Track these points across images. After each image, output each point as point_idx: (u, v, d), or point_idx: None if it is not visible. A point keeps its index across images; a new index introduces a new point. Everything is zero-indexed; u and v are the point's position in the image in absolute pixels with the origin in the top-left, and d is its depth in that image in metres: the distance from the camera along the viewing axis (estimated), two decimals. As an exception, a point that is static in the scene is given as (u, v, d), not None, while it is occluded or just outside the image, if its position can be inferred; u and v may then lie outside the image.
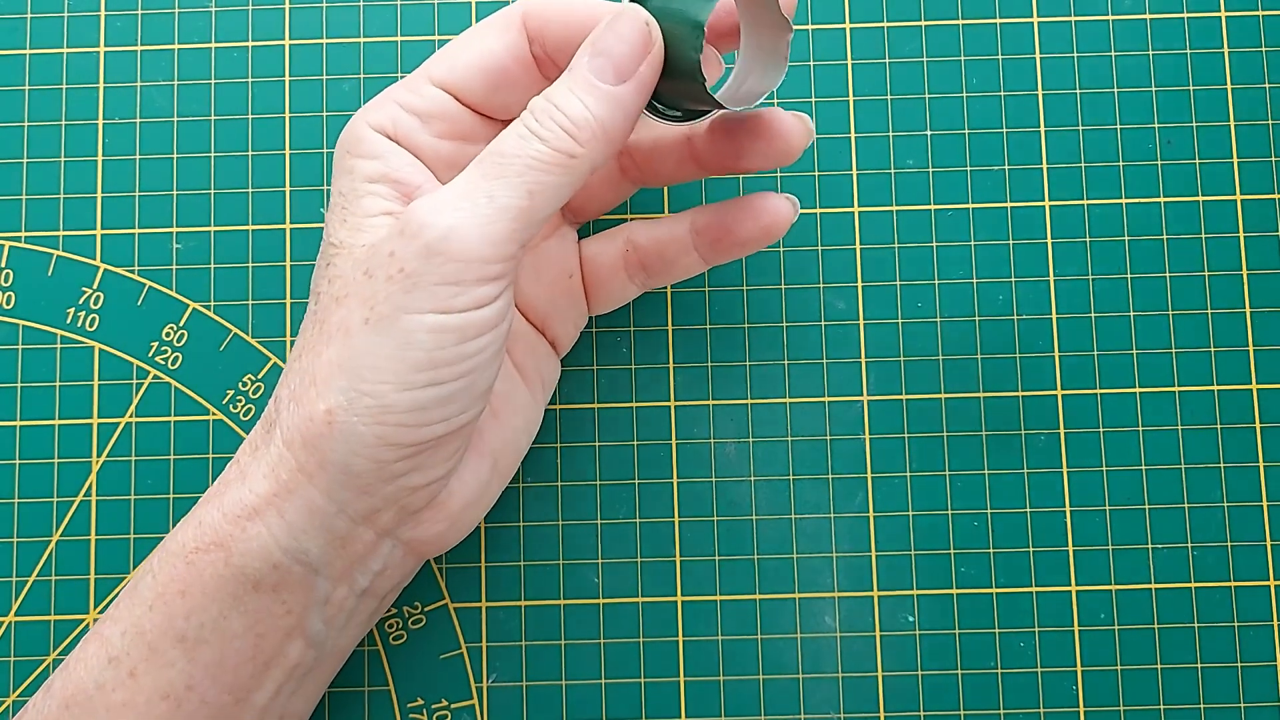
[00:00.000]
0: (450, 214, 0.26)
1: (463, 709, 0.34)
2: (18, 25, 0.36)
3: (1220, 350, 0.35)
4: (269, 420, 0.28)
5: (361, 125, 0.29)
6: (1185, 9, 0.36)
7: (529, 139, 0.26)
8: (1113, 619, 0.34)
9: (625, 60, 0.27)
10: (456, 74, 0.29)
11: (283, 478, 0.27)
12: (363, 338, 0.26)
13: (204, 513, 0.27)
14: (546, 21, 0.29)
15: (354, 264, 0.27)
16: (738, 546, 0.34)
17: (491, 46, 0.29)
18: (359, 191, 0.28)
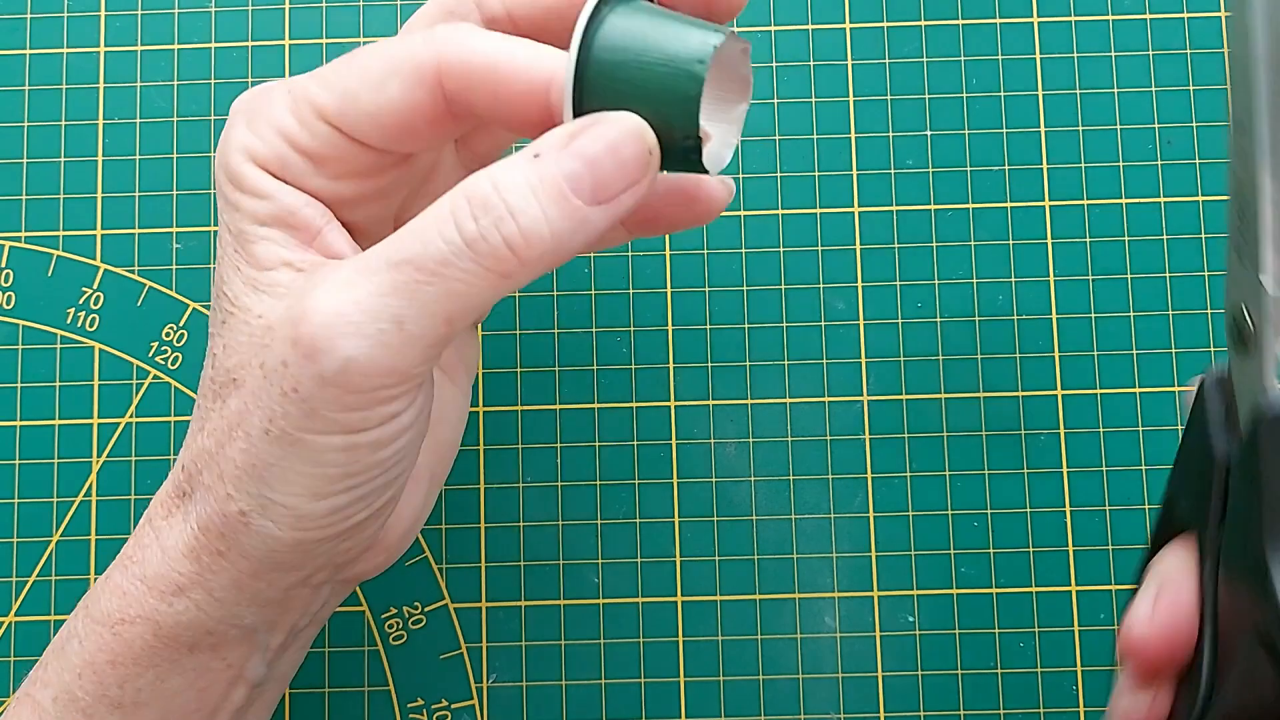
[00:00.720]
0: (350, 342, 0.22)
1: (463, 709, 0.34)
2: (18, 25, 0.36)
3: (1220, 350, 0.35)
4: (180, 488, 0.25)
5: (241, 160, 0.25)
6: (1185, 9, 0.36)
7: (459, 252, 0.22)
8: (1113, 619, 0.34)
9: (612, 183, 0.22)
10: (350, 120, 0.24)
11: (204, 560, 0.24)
12: (266, 448, 0.23)
13: (125, 582, 0.25)
14: (471, 86, 0.23)
15: (251, 342, 0.24)
16: (738, 547, 0.34)
17: (394, 102, 0.24)
18: (249, 235, 0.24)
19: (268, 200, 0.24)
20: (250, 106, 0.25)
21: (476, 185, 0.22)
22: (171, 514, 0.25)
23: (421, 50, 0.24)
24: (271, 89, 0.25)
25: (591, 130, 0.22)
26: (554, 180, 0.22)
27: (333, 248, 0.25)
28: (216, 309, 0.25)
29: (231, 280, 0.24)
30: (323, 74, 0.25)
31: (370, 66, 0.24)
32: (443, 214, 0.22)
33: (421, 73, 0.23)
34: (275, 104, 0.25)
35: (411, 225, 0.23)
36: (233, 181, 0.25)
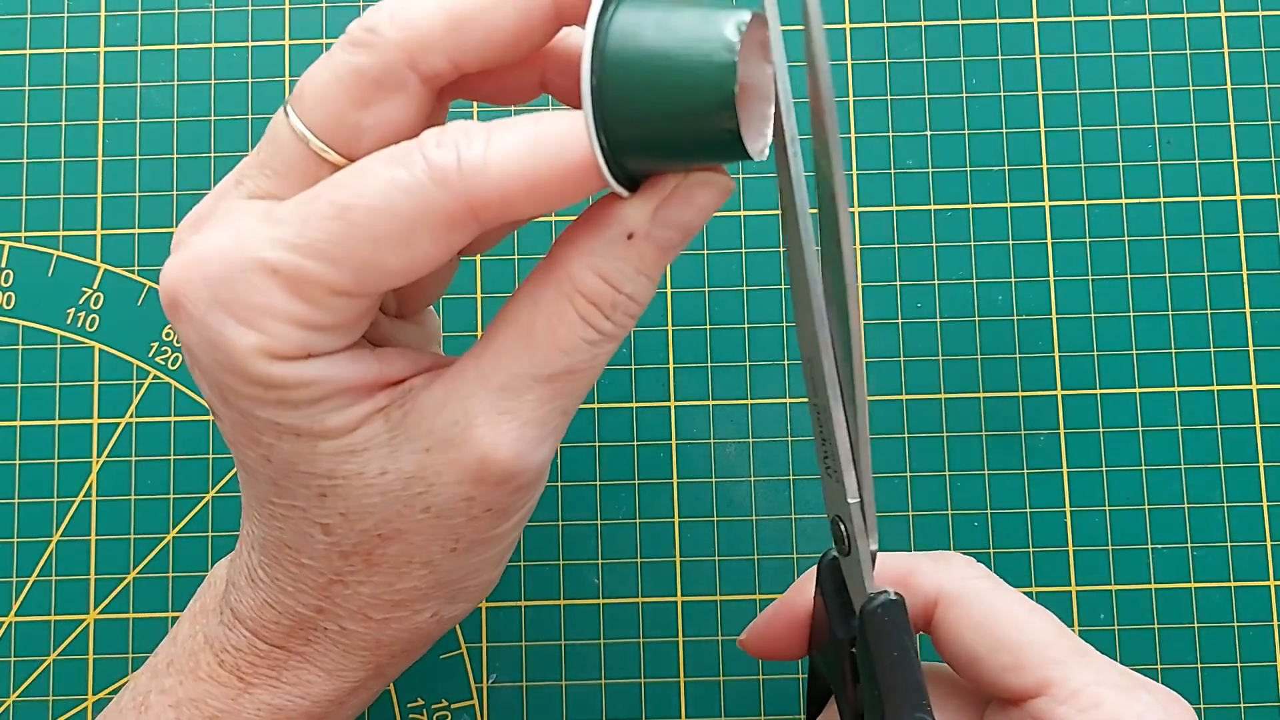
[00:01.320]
0: (537, 454, 0.23)
1: (463, 709, 0.34)
2: (18, 25, 0.36)
3: (1220, 350, 0.35)
4: (308, 623, 0.25)
5: (266, 364, 0.22)
6: (1185, 9, 0.36)
7: (601, 345, 0.23)
8: (1113, 619, 0.34)
9: (698, 225, 0.23)
10: (372, 286, 0.22)
11: (383, 662, 0.26)
12: (453, 561, 0.25)
13: (280, 699, 0.26)
14: (511, 210, 0.22)
15: (391, 499, 0.23)
16: (738, 546, 0.34)
17: (426, 257, 0.22)
18: (313, 416, 0.23)
19: (315, 385, 0.22)
20: (225, 298, 0.22)
21: (594, 287, 0.22)
22: (313, 642, 0.26)
23: (445, 197, 0.21)
24: (237, 267, 0.22)
25: (679, 197, 0.22)
26: (654, 256, 0.23)
27: (397, 373, 0.24)
28: (291, 485, 0.24)
29: (312, 460, 0.23)
30: (312, 245, 0.21)
31: (381, 230, 0.21)
32: (575, 321, 0.23)
33: (453, 220, 0.21)
34: (264, 291, 0.22)
35: (536, 334, 0.23)
36: (264, 385, 0.22)
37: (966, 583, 0.26)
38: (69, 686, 0.34)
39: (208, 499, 0.34)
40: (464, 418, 0.23)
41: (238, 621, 0.26)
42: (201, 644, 0.26)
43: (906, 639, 0.25)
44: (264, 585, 0.26)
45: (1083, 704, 0.25)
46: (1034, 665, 0.25)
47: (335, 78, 0.22)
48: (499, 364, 0.23)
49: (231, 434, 0.24)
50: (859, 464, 0.24)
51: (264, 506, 0.25)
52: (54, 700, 0.34)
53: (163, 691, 0.26)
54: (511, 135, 0.21)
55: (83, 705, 0.34)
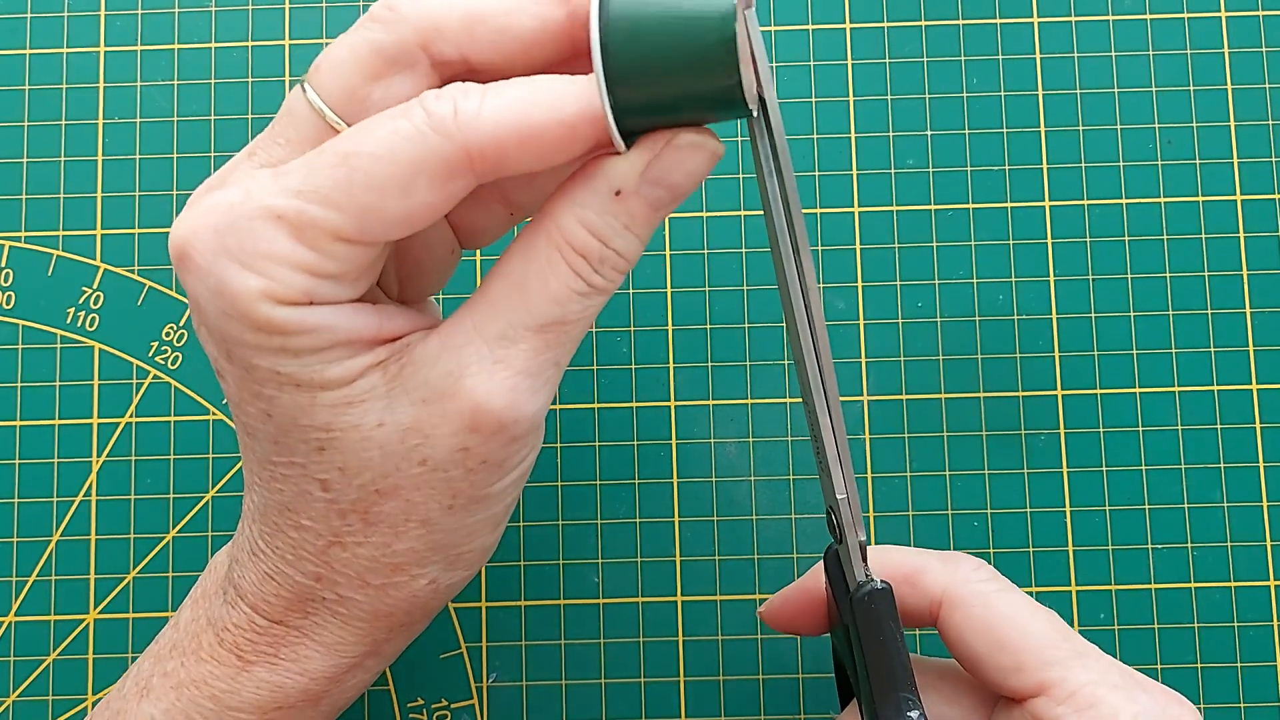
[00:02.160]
0: (531, 402, 0.24)
1: (463, 709, 0.34)
2: (18, 25, 0.36)
3: (1220, 350, 0.35)
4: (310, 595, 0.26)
5: (270, 308, 0.23)
6: (1185, 9, 0.36)
7: (592, 296, 0.24)
8: (1113, 619, 0.34)
9: (687, 187, 0.24)
10: (375, 233, 0.23)
11: (380, 637, 0.26)
12: (450, 519, 0.25)
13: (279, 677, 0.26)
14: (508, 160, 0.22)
15: (388, 451, 0.24)
16: (738, 546, 0.34)
17: (426, 203, 0.23)
18: (313, 368, 0.23)
19: (317, 333, 0.23)
20: (232, 246, 0.23)
21: (583, 240, 0.23)
22: (311, 614, 0.26)
23: (442, 143, 0.22)
24: (244, 215, 0.23)
25: (666, 157, 0.23)
26: (643, 213, 0.23)
27: (396, 329, 0.25)
28: (290, 441, 0.24)
29: (311, 411, 0.24)
30: (316, 190, 0.22)
31: (382, 174, 0.22)
32: (565, 273, 0.23)
33: (451, 167, 0.22)
34: (270, 238, 0.22)
35: (529, 286, 0.23)
36: (267, 330, 0.23)
37: (971, 585, 0.27)
38: (69, 686, 0.34)
39: (208, 499, 0.34)
40: (458, 368, 0.23)
41: (240, 598, 0.26)
42: (204, 625, 0.27)
43: (892, 624, 0.26)
44: (265, 556, 0.26)
45: (1080, 704, 0.25)
46: (1033, 667, 0.25)
47: (352, 52, 0.24)
48: (493, 314, 0.24)
49: (235, 391, 0.24)
50: (841, 462, 0.26)
51: (265, 468, 0.25)
52: (54, 700, 0.34)
53: (165, 674, 0.26)
54: (508, 89, 0.23)
55: (82, 705, 0.34)
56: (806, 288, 0.25)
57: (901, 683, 0.26)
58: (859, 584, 0.26)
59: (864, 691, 0.26)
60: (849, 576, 0.27)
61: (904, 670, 0.26)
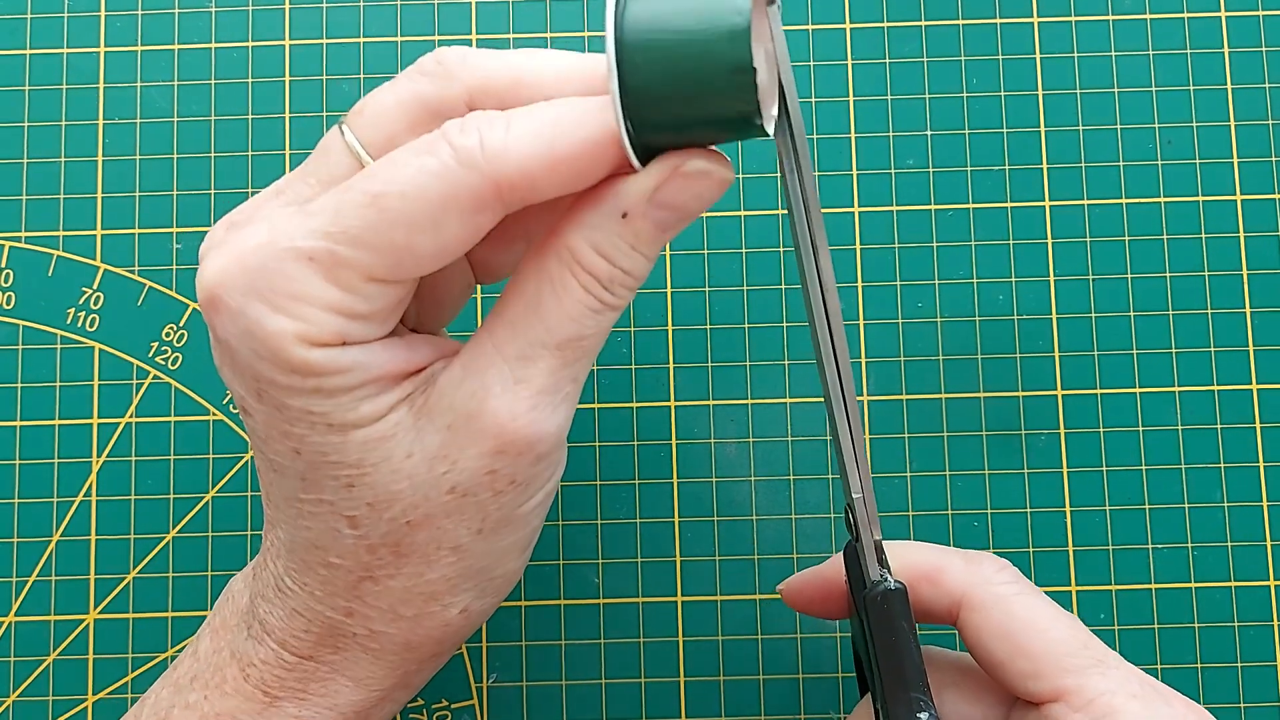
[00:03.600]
0: (553, 419, 0.24)
1: (463, 709, 0.34)
2: (18, 25, 0.36)
3: (1220, 350, 0.35)
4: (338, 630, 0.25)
5: (304, 350, 0.23)
6: (1185, 9, 0.36)
7: (604, 314, 0.24)
8: (1113, 619, 0.34)
9: (696, 212, 0.24)
10: (406, 271, 0.23)
11: (411, 669, 0.26)
12: (480, 544, 0.25)
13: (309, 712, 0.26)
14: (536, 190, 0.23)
15: (416, 482, 0.24)
16: (738, 546, 0.34)
17: (457, 239, 0.23)
18: (346, 404, 0.23)
19: (350, 373, 0.23)
20: (262, 288, 0.23)
21: (592, 261, 0.23)
22: (342, 650, 0.26)
23: (471, 178, 0.22)
24: (274, 257, 0.23)
25: (675, 183, 0.23)
26: (649, 234, 0.23)
27: (421, 360, 0.25)
28: (319, 478, 0.24)
29: (342, 449, 0.24)
30: (346, 233, 0.22)
31: (411, 213, 0.22)
32: (579, 293, 0.23)
33: (481, 202, 0.22)
34: (302, 279, 0.22)
35: (544, 305, 0.23)
36: (302, 372, 0.23)
37: (991, 587, 0.27)
38: (69, 687, 0.34)
39: (208, 499, 0.34)
40: (481, 389, 0.23)
41: (266, 635, 0.26)
42: (228, 658, 0.26)
43: (905, 624, 0.26)
44: (292, 593, 0.26)
45: (1096, 713, 0.25)
46: (1051, 673, 0.25)
47: (397, 101, 0.24)
48: (512, 335, 0.24)
49: (263, 430, 0.24)
50: (858, 460, 0.26)
51: (291, 506, 0.25)
52: (54, 700, 0.34)
53: (187, 706, 0.26)
54: (531, 116, 0.23)
55: (82, 705, 0.34)
56: (825, 289, 0.25)
57: (913, 683, 0.26)
58: (873, 583, 0.26)
59: (877, 688, 0.26)
60: (865, 574, 0.27)
61: (916, 670, 0.26)
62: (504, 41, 0.36)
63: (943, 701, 0.27)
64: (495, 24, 0.36)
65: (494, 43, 0.36)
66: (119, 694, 0.34)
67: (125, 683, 0.34)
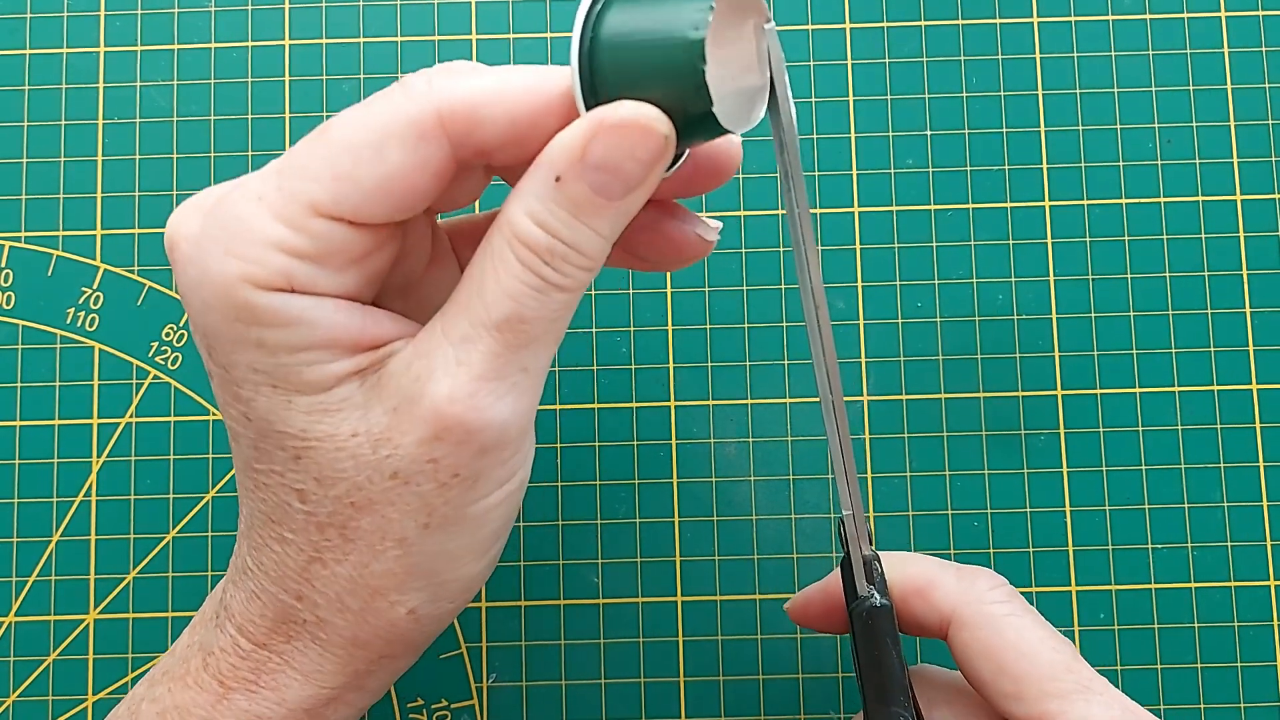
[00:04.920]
0: (497, 407, 0.23)
1: (462, 709, 0.34)
2: (18, 25, 0.36)
3: (1220, 350, 0.35)
4: (291, 616, 0.25)
5: (248, 293, 0.22)
6: (1185, 9, 0.36)
7: (549, 293, 0.23)
8: (1113, 619, 0.34)
9: (637, 173, 0.22)
10: (352, 203, 0.22)
11: (361, 669, 0.26)
12: (427, 540, 0.24)
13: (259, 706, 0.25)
14: (479, 122, 0.22)
15: (360, 463, 0.23)
16: (737, 546, 0.34)
17: (400, 166, 0.22)
18: (290, 366, 0.23)
19: (296, 327, 0.23)
20: (218, 232, 0.23)
21: (527, 230, 0.22)
22: (293, 639, 0.25)
23: (413, 104, 0.22)
24: (228, 202, 0.23)
25: (600, 137, 0.22)
26: (588, 199, 0.22)
27: (379, 335, 0.24)
28: (269, 447, 0.24)
29: (287, 416, 0.23)
30: (294, 166, 0.22)
31: (356, 139, 0.22)
32: (515, 266, 0.23)
33: (422, 126, 0.22)
34: (251, 218, 0.22)
35: (484, 283, 0.23)
36: (245, 319, 0.22)
37: (982, 605, 0.27)
38: (69, 687, 0.34)
39: (208, 499, 0.34)
40: (425, 372, 0.23)
41: (228, 619, 0.26)
42: (195, 650, 0.26)
43: (889, 641, 0.26)
44: (252, 573, 0.26)
45: None
46: (1033, 697, 0.25)
47: None
48: (457, 316, 0.23)
49: (218, 392, 0.24)
50: (848, 478, 0.26)
51: (248, 476, 0.25)
52: (54, 700, 0.34)
53: (153, 700, 0.26)
54: (487, 69, 0.23)
55: (82, 705, 0.34)
56: (816, 304, 0.25)
57: (894, 699, 0.26)
58: (860, 599, 0.26)
59: (862, 700, 0.26)
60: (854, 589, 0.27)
61: (898, 687, 0.26)
62: (504, 41, 0.36)
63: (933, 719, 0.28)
64: (495, 24, 0.36)
65: (494, 43, 0.36)
66: (119, 694, 0.34)
67: (125, 683, 0.34)
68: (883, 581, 0.27)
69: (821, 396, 0.26)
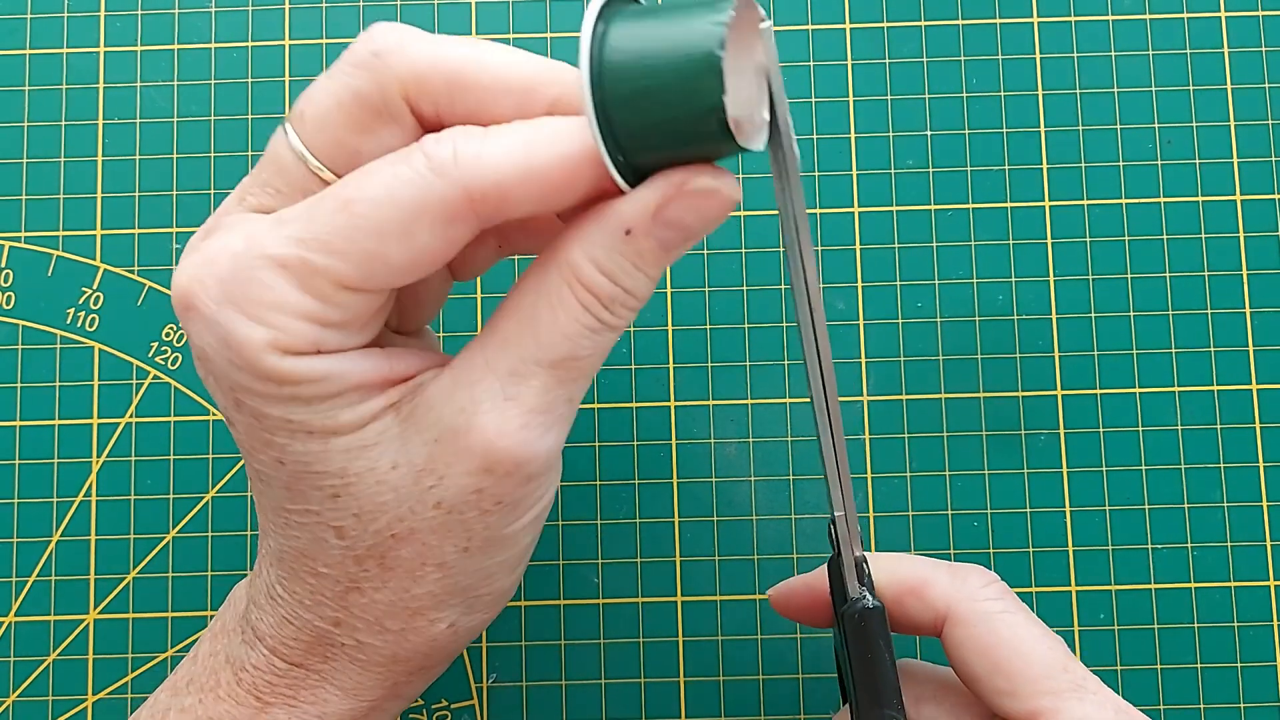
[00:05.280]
0: (544, 440, 0.23)
1: (462, 709, 0.34)
2: (18, 25, 0.36)
3: (1220, 350, 0.35)
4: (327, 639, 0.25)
5: (276, 359, 0.22)
6: (1185, 9, 0.36)
7: (602, 334, 0.23)
8: (1113, 619, 0.34)
9: (700, 232, 0.23)
10: (379, 280, 0.22)
11: (400, 680, 0.26)
12: (467, 562, 0.24)
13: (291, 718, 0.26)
14: (508, 203, 0.22)
15: (402, 495, 0.23)
16: (738, 547, 0.34)
17: (428, 248, 0.22)
18: (324, 413, 0.23)
19: (327, 381, 0.23)
20: (236, 295, 0.22)
21: (592, 278, 0.23)
22: (331, 659, 0.26)
23: (442, 184, 0.22)
24: (249, 267, 0.22)
25: (679, 202, 0.22)
26: (653, 253, 0.23)
27: (406, 370, 0.24)
28: (304, 489, 0.24)
29: (324, 458, 0.23)
30: (318, 239, 0.22)
31: (383, 220, 0.22)
32: (576, 310, 0.23)
33: (453, 210, 0.22)
34: (274, 286, 0.22)
35: (540, 322, 0.23)
36: (276, 381, 0.22)
37: (975, 603, 0.27)
38: (69, 687, 0.34)
39: (207, 499, 0.34)
40: (470, 405, 0.23)
41: (258, 640, 0.26)
42: (223, 663, 0.26)
43: (881, 643, 0.26)
44: (283, 601, 0.25)
45: None
46: (1027, 695, 0.25)
47: (336, 103, 0.23)
48: (505, 350, 0.23)
49: (245, 439, 0.24)
50: (840, 479, 0.26)
51: (279, 515, 0.25)
52: (53, 701, 0.34)
53: (182, 710, 0.26)
54: (509, 131, 0.22)
55: (82, 705, 0.34)
56: (812, 307, 0.25)
57: (886, 700, 0.26)
58: (851, 600, 0.26)
59: (853, 702, 0.26)
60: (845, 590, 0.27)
61: (890, 688, 0.26)
62: (504, 42, 0.36)
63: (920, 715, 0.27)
64: (495, 24, 0.36)
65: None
66: (119, 694, 0.34)
67: (125, 683, 0.34)
68: (871, 583, 0.27)
69: (814, 398, 0.26)
